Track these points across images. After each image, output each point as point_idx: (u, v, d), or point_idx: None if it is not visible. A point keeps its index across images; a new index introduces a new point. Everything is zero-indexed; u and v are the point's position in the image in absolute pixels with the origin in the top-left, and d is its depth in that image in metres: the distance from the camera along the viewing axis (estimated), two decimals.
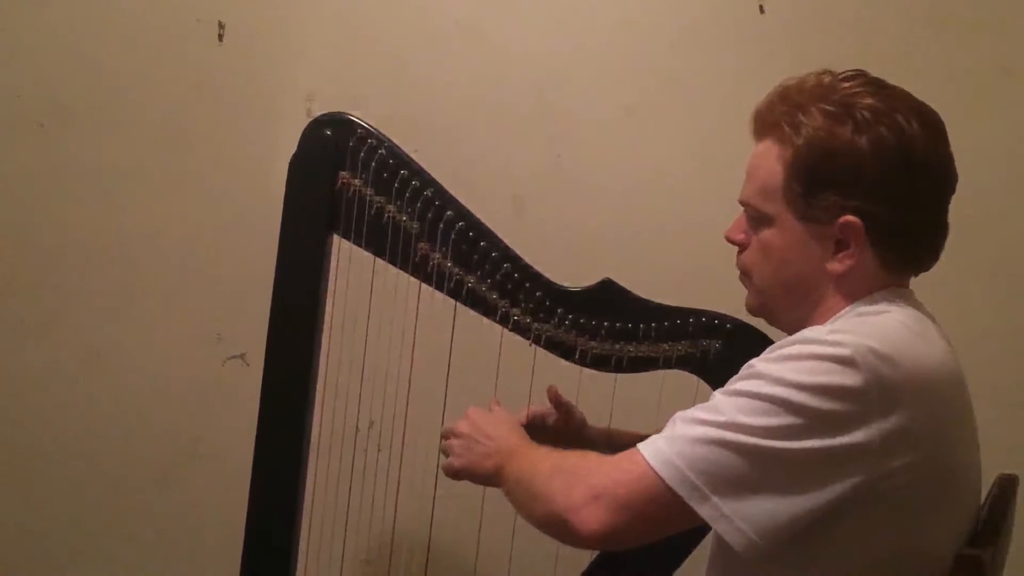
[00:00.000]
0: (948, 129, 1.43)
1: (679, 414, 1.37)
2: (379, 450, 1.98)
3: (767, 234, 1.48)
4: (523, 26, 2.51)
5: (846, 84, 1.44)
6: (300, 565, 1.93)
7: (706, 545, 1.57)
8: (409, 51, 2.53)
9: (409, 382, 1.90)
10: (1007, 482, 1.57)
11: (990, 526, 1.43)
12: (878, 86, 1.45)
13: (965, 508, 1.42)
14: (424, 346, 1.89)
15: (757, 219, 1.50)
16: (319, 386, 1.90)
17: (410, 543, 2.19)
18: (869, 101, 1.41)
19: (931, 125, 1.44)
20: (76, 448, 2.63)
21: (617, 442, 1.85)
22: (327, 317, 1.88)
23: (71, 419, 2.63)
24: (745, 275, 1.55)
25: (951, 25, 2.35)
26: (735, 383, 1.35)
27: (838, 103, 1.42)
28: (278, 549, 1.88)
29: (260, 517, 1.89)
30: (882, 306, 1.42)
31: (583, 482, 1.37)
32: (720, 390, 1.37)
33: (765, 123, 1.49)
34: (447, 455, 1.70)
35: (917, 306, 1.46)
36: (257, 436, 1.87)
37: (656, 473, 1.31)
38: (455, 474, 1.68)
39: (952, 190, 1.46)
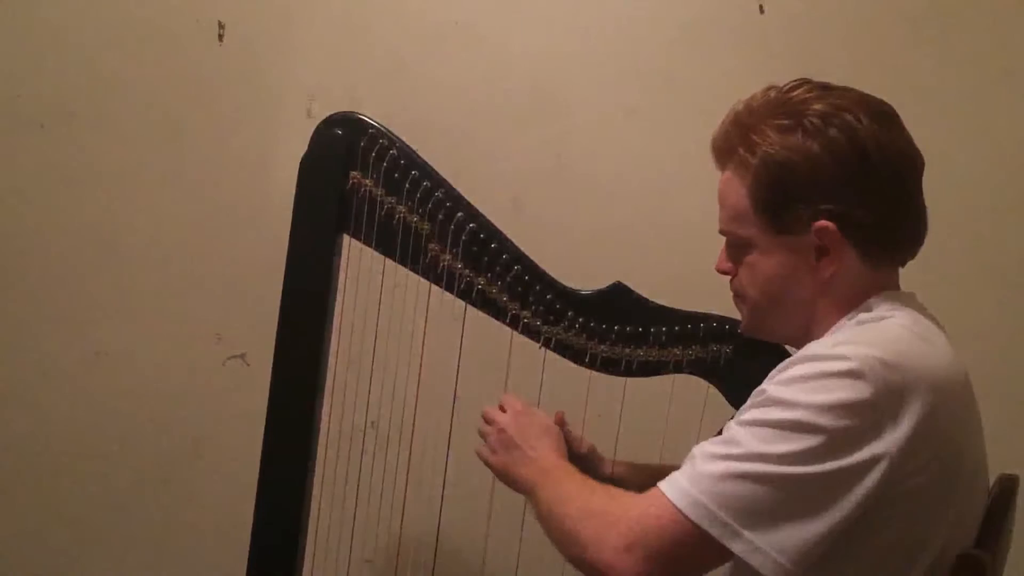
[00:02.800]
0: (949, 129, 1.43)
1: (696, 449, 1.36)
2: (387, 450, 1.97)
3: (750, 258, 1.50)
4: (523, 26, 2.51)
5: (792, 94, 1.46)
6: (307, 565, 1.93)
7: None
8: (409, 51, 2.53)
9: (418, 383, 1.90)
10: (1007, 482, 1.57)
11: (990, 526, 1.43)
12: (824, 89, 1.46)
13: (974, 506, 1.43)
14: (433, 347, 1.89)
15: (738, 245, 1.52)
16: (327, 386, 1.89)
17: (417, 543, 2.19)
18: (816, 107, 1.42)
19: (881, 116, 1.44)
20: (76, 448, 2.63)
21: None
22: (336, 317, 1.87)
23: (71, 419, 2.63)
24: (740, 299, 1.57)
25: (951, 25, 2.35)
26: (748, 411, 1.35)
27: (786, 114, 1.43)
28: (285, 548, 1.88)
29: (267, 516, 1.88)
30: (882, 311, 1.43)
31: (613, 530, 1.35)
32: (734, 420, 1.36)
33: (723, 151, 1.52)
34: (484, 439, 1.71)
35: (918, 308, 1.47)
36: (265, 435, 1.87)
37: (685, 516, 1.30)
38: (487, 465, 1.69)
39: (918, 173, 1.47)
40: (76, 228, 2.59)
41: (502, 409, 1.74)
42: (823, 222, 1.41)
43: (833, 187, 1.41)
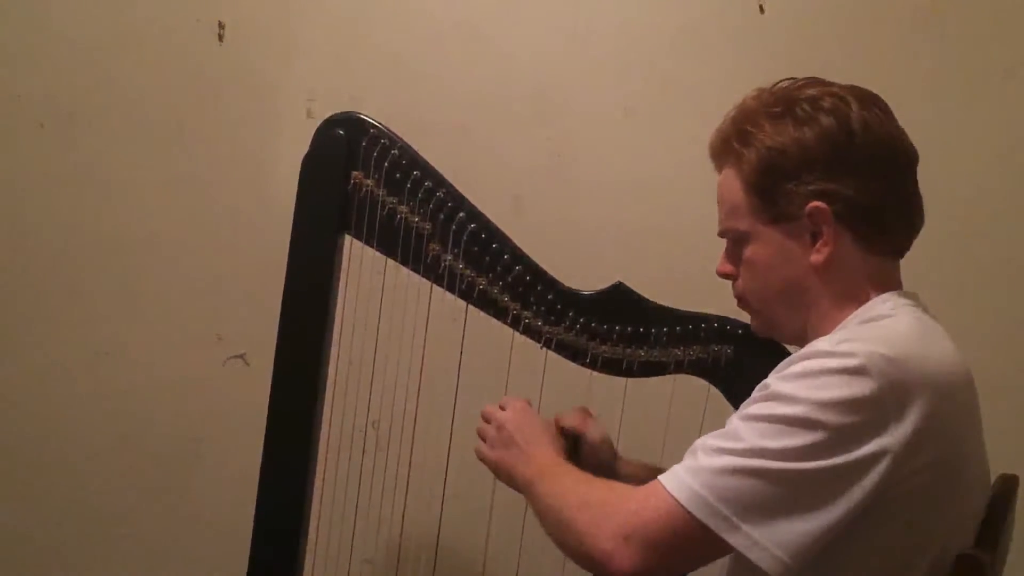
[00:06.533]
0: (950, 130, 1.43)
1: (698, 443, 1.36)
2: (387, 450, 1.97)
3: (748, 251, 1.51)
4: (523, 26, 2.51)
5: (781, 85, 1.50)
6: (307, 564, 1.93)
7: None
8: (409, 51, 2.53)
9: (419, 383, 1.90)
10: (1007, 482, 1.58)
11: (990, 526, 1.43)
12: (815, 79, 1.49)
13: (975, 506, 1.43)
14: (434, 347, 1.88)
15: (736, 241, 1.53)
16: (328, 385, 1.89)
17: (417, 543, 2.19)
18: (807, 92, 1.46)
19: (871, 103, 1.47)
20: (76, 448, 2.63)
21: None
22: (337, 317, 1.87)
23: (71, 419, 2.63)
24: (743, 301, 1.57)
25: (951, 25, 2.35)
26: (751, 406, 1.35)
27: (776, 102, 1.46)
28: (285, 547, 1.88)
29: (268, 516, 1.88)
30: (886, 309, 1.43)
31: (611, 520, 1.35)
32: (736, 414, 1.36)
33: (718, 152, 1.54)
34: (483, 438, 1.70)
35: (921, 308, 1.47)
36: (266, 435, 1.87)
37: (683, 508, 1.30)
38: (484, 461, 1.69)
39: (909, 159, 1.49)
40: (76, 228, 2.59)
41: (502, 408, 1.73)
42: (815, 203, 1.43)
43: (823, 167, 1.42)
